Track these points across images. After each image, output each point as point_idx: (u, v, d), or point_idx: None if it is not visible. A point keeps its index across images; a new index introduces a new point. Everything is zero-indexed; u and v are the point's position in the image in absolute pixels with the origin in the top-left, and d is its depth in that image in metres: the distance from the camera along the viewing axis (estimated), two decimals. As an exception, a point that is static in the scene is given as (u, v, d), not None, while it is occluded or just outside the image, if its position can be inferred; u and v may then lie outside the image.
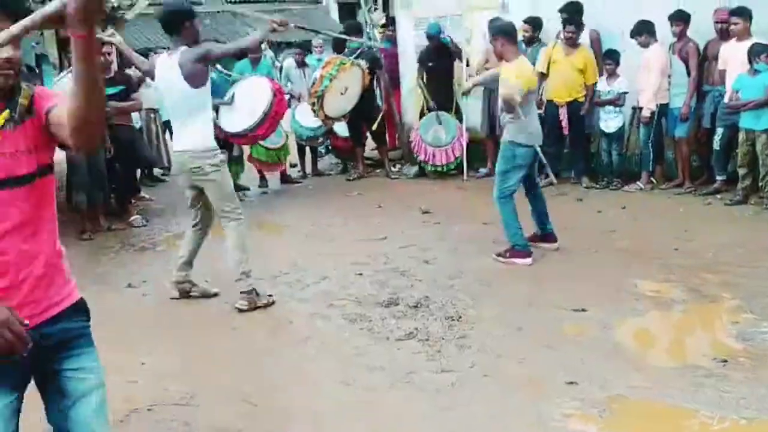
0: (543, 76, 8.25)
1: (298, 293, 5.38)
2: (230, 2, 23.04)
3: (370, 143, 9.94)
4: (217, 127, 7.83)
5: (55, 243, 2.16)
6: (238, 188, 8.90)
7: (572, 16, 8.09)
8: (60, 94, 2.09)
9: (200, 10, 12.31)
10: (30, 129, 2.03)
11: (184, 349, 4.53)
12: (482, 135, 9.05)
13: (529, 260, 5.80)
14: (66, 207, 7.78)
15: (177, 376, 4.10)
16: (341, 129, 9.45)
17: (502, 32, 5.78)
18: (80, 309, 2.22)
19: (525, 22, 8.54)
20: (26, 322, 1.93)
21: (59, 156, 7.40)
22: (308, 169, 9.98)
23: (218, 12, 21.92)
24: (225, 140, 7.56)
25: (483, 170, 9.07)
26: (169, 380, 4.03)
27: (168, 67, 4.88)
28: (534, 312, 4.83)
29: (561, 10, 8.20)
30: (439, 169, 9.12)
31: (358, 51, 8.79)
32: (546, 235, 6.15)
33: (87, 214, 7.29)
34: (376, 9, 15.05)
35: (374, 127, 9.30)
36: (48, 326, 2.10)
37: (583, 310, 4.78)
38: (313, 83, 8.52)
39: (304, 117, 9.08)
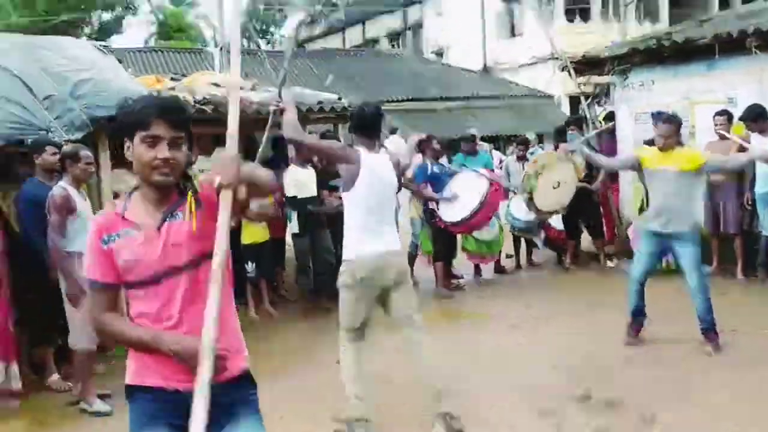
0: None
1: (494, 384, 5.46)
2: (466, 97, 24.06)
3: (586, 235, 9.88)
4: (437, 216, 8.33)
5: None
6: (454, 276, 9.24)
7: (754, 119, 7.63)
8: None
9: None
10: (198, 220, 2.40)
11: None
12: (707, 232, 8.62)
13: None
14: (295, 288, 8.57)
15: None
16: (556, 221, 9.49)
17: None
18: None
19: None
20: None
21: (288, 239, 8.05)
22: (523, 260, 10.09)
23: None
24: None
25: (707, 268, 8.59)
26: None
27: (379, 165, 4.64)
28: (739, 424, 4.51)
29: (742, 118, 7.79)
30: (657, 267, 8.77)
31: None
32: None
33: (309, 296, 7.96)
34: (606, 101, 14.95)
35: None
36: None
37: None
38: (523, 179, 8.74)
39: (518, 209, 9.26)
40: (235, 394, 2.45)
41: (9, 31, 11.62)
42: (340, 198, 4.91)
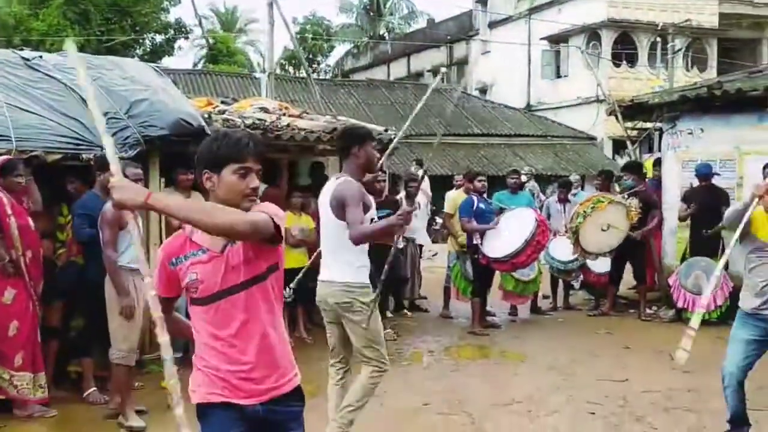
0: None
1: (527, 425, 5.41)
2: (507, 135, 24.06)
3: (628, 282, 9.80)
4: (480, 252, 8.29)
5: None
6: (488, 314, 9.17)
7: None
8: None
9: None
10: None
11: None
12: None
13: None
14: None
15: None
16: (595, 265, 9.40)
17: None
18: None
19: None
20: None
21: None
22: (560, 302, 10.00)
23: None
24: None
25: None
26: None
27: (326, 192, 4.53)
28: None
29: None
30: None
31: (633, 190, 8.92)
32: None
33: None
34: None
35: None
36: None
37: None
38: (571, 218, 8.74)
39: (557, 250, 9.21)
40: (287, 407, 2.71)
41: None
42: None
